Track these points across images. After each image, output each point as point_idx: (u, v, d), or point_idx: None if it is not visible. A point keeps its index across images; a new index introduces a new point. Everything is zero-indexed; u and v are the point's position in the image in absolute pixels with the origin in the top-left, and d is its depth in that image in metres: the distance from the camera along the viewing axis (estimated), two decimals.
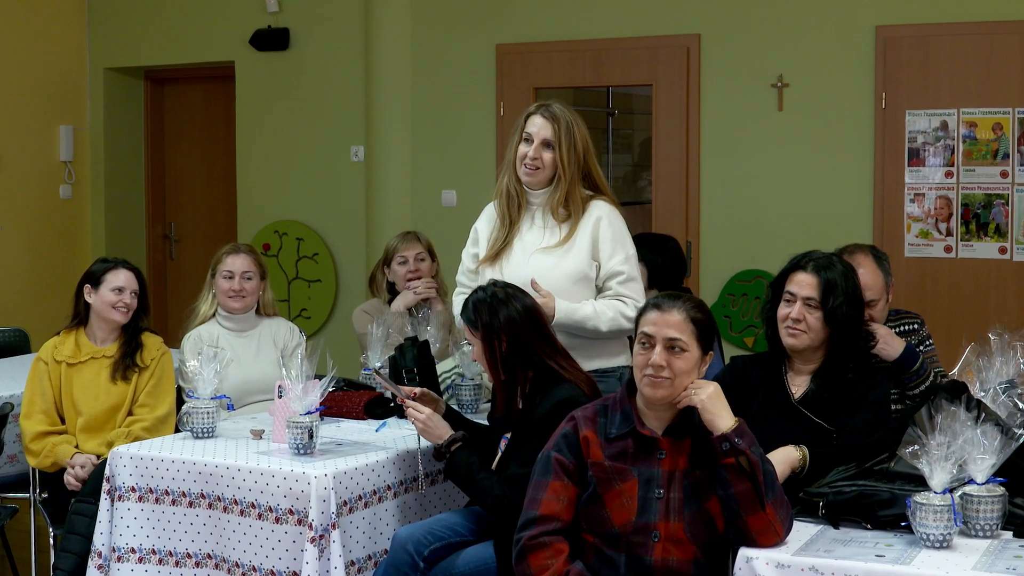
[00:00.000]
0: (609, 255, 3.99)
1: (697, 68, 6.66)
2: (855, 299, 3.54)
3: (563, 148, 3.99)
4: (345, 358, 5.16)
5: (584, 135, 4.03)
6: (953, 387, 3.32)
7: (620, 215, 4.06)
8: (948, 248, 6.20)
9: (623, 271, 3.99)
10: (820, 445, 3.41)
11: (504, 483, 3.52)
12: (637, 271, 4.05)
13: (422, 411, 3.71)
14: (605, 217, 4.00)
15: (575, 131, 4.00)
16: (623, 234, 4.03)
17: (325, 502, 3.52)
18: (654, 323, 3.08)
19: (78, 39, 8.24)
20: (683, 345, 3.05)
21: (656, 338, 3.06)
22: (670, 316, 3.07)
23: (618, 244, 4.00)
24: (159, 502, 3.80)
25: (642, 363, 3.07)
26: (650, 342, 3.07)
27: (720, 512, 3.01)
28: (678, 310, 3.08)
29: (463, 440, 3.69)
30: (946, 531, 2.85)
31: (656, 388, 3.05)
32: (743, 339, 6.60)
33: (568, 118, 4.01)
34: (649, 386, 3.06)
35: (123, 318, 4.54)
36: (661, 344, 3.05)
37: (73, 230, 8.25)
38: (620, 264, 3.99)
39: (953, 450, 2.87)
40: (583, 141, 4.01)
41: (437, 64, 7.30)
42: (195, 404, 4.05)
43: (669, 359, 3.04)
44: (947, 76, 6.17)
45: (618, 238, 4.01)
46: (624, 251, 4.01)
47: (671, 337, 3.05)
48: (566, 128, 3.99)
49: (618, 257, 3.99)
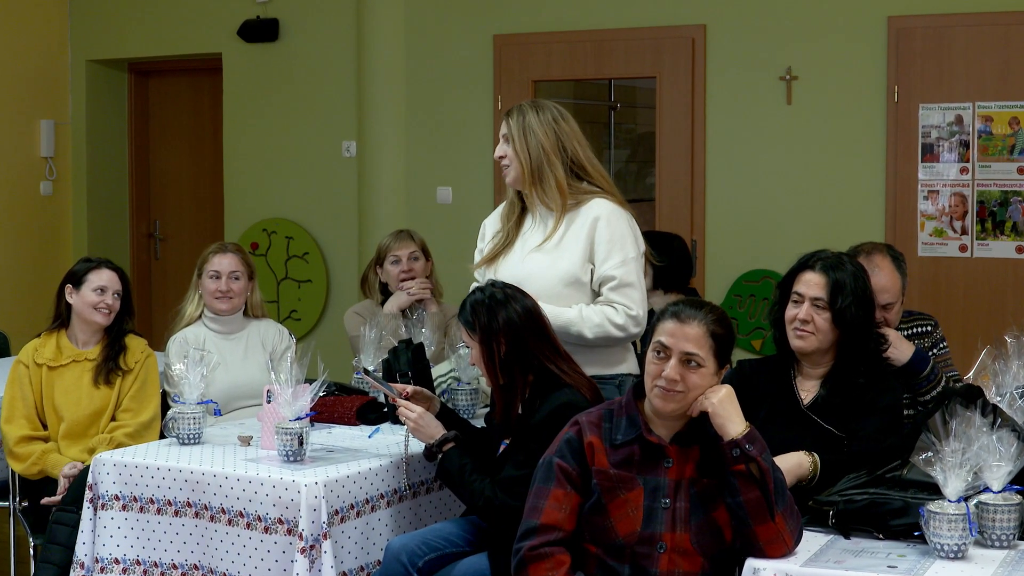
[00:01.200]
0: (603, 258, 3.90)
1: (703, 60, 6.67)
2: (865, 300, 3.54)
3: (515, 139, 3.96)
4: (336, 361, 5.16)
5: (548, 120, 3.95)
6: (968, 391, 3.32)
7: (624, 214, 3.96)
8: (963, 247, 6.21)
9: (615, 276, 3.88)
10: (830, 452, 3.41)
11: (497, 486, 3.51)
12: (635, 276, 3.92)
13: (413, 410, 3.71)
14: (604, 217, 3.92)
15: (531, 118, 3.95)
16: (623, 236, 3.92)
17: (316, 511, 3.52)
18: (671, 334, 3.05)
19: (59, 30, 8.24)
20: (700, 360, 3.03)
21: (672, 350, 3.03)
22: (689, 328, 3.03)
23: (614, 247, 3.90)
24: (143, 511, 3.79)
25: (655, 372, 3.05)
26: (665, 353, 3.04)
27: (728, 522, 3.01)
28: (698, 323, 3.04)
29: (456, 440, 3.69)
30: (961, 541, 2.85)
31: (667, 401, 3.04)
32: (750, 342, 6.61)
33: (526, 109, 3.98)
34: (660, 398, 3.05)
35: (105, 320, 4.54)
36: (677, 358, 3.02)
37: (54, 228, 8.24)
38: (614, 268, 3.88)
39: (968, 457, 2.87)
40: (547, 128, 3.95)
41: (432, 56, 7.30)
42: (181, 409, 4.05)
43: (684, 373, 3.02)
44: (962, 68, 6.17)
45: (616, 240, 3.90)
46: (621, 254, 3.90)
47: (688, 352, 3.02)
48: (519, 118, 3.97)
49: (612, 261, 3.89)
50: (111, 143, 8.47)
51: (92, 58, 8.29)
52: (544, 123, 3.97)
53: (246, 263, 4.85)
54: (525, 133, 3.97)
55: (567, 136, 3.99)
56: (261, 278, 5.30)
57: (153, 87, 8.60)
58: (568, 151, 3.98)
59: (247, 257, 4.89)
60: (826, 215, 6.42)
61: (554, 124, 3.98)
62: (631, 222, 3.98)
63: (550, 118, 3.98)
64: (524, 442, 3.50)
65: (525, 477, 3.26)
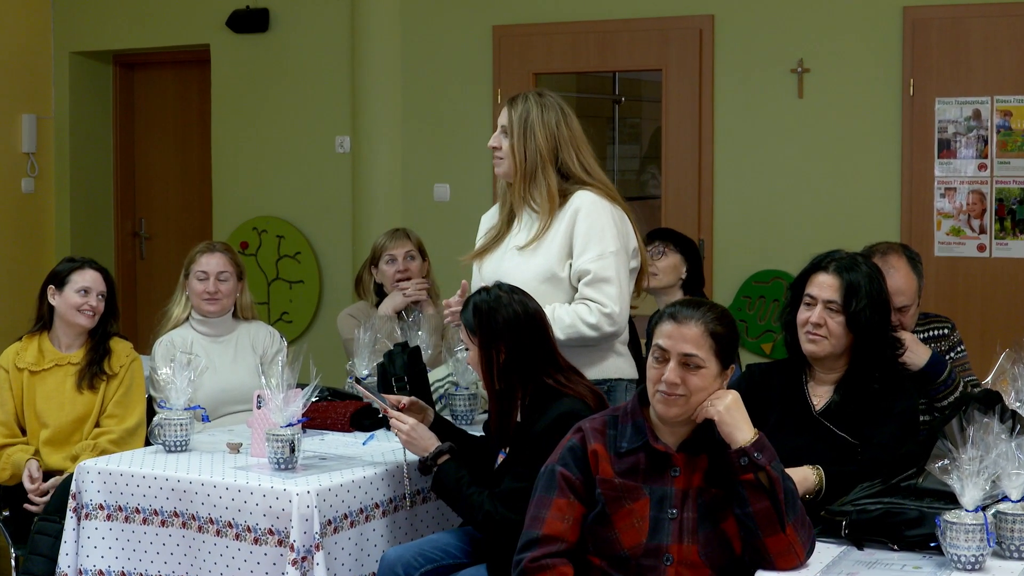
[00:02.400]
0: (580, 251, 3.87)
1: (711, 52, 6.67)
2: (879, 302, 3.54)
3: (514, 137, 3.96)
4: (329, 365, 5.16)
5: (551, 123, 3.95)
6: (986, 397, 3.32)
7: (608, 206, 3.91)
8: (981, 247, 6.21)
9: (590, 270, 3.84)
10: (843, 460, 3.41)
11: (496, 499, 3.51)
12: (613, 271, 3.85)
13: (406, 422, 3.71)
14: (584, 208, 3.88)
15: (534, 116, 3.95)
16: (602, 228, 3.87)
17: (308, 521, 3.52)
18: (669, 336, 3.05)
19: (41, 20, 8.24)
20: (699, 362, 3.03)
21: (671, 353, 3.04)
22: (686, 329, 3.04)
23: (591, 239, 3.86)
24: (129, 521, 3.80)
25: (655, 377, 3.06)
26: (664, 356, 3.05)
27: (737, 533, 3.01)
28: (696, 323, 3.04)
29: (451, 452, 3.69)
30: (978, 552, 2.85)
31: (669, 406, 3.04)
32: (760, 345, 6.61)
33: (532, 104, 3.97)
34: (662, 403, 3.05)
35: (89, 322, 4.55)
36: (675, 360, 3.03)
37: (36, 227, 8.24)
38: (589, 262, 3.85)
39: (986, 465, 2.88)
40: (548, 131, 3.94)
41: (429, 47, 7.30)
42: (167, 415, 4.05)
43: (684, 376, 3.02)
44: (980, 61, 6.18)
45: (593, 233, 3.86)
46: (599, 247, 3.85)
47: (686, 353, 3.03)
48: (522, 114, 3.97)
49: (588, 254, 3.85)
50: (95, 138, 8.47)
51: (75, 50, 8.29)
52: (546, 126, 3.96)
53: (235, 263, 4.86)
54: (525, 133, 3.96)
55: (566, 143, 3.98)
56: (251, 279, 5.31)
57: (139, 80, 8.60)
58: (561, 160, 3.97)
59: (236, 257, 4.90)
60: (839, 214, 6.42)
61: (555, 129, 3.97)
62: (616, 215, 3.94)
63: (553, 121, 3.96)
64: (524, 453, 3.49)
65: (525, 490, 3.25)
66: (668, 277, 5.04)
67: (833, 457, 3.41)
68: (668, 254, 5.06)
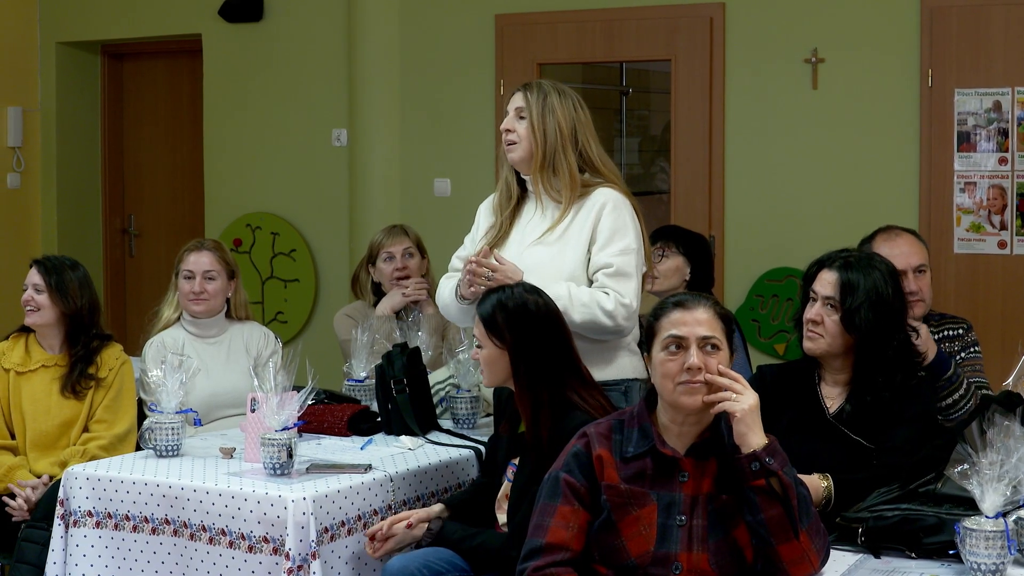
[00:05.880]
0: (603, 245, 3.96)
1: (721, 41, 6.67)
2: (880, 303, 3.50)
3: (533, 117, 4.01)
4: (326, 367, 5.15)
5: (569, 107, 4.03)
6: (1007, 399, 3.32)
7: (629, 205, 4.03)
8: (1002, 243, 6.21)
9: (612, 264, 3.93)
10: (858, 464, 3.41)
11: (512, 536, 3.45)
12: (633, 267, 3.97)
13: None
14: (610, 203, 3.99)
15: (553, 99, 4.02)
16: (625, 225, 3.99)
17: (304, 529, 3.52)
18: (683, 323, 3.06)
19: (27, 10, 8.25)
20: (717, 343, 3.05)
21: (689, 339, 3.04)
22: (698, 313, 3.06)
23: (616, 234, 3.96)
24: (119, 528, 3.80)
25: (675, 370, 3.04)
26: (682, 344, 3.05)
27: (749, 541, 3.01)
28: (704, 307, 3.07)
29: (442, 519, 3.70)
30: (999, 560, 2.85)
31: (694, 394, 3.02)
32: (773, 345, 6.61)
33: (548, 88, 4.05)
34: (686, 393, 3.03)
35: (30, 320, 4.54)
36: (695, 344, 3.04)
37: (22, 223, 8.25)
38: (613, 256, 3.94)
39: (1007, 469, 2.88)
40: (567, 112, 4.02)
41: (429, 36, 7.31)
42: (158, 419, 4.06)
43: (706, 360, 3.03)
44: (1000, 51, 6.17)
45: (619, 229, 3.97)
46: (623, 243, 3.96)
47: (704, 335, 3.04)
48: (540, 96, 4.03)
49: (611, 248, 3.95)
50: (83, 132, 8.48)
51: (62, 40, 8.30)
52: (566, 108, 4.04)
53: (224, 261, 4.84)
54: (544, 113, 4.03)
55: (583, 127, 4.06)
56: (245, 277, 5.30)
57: (128, 71, 8.61)
58: (580, 143, 4.05)
59: (226, 255, 4.88)
60: (855, 209, 6.41)
61: (574, 112, 4.05)
62: (634, 214, 4.05)
63: (571, 105, 4.05)
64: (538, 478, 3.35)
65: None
66: (670, 280, 5.01)
67: (847, 462, 3.41)
68: (670, 256, 5.05)
